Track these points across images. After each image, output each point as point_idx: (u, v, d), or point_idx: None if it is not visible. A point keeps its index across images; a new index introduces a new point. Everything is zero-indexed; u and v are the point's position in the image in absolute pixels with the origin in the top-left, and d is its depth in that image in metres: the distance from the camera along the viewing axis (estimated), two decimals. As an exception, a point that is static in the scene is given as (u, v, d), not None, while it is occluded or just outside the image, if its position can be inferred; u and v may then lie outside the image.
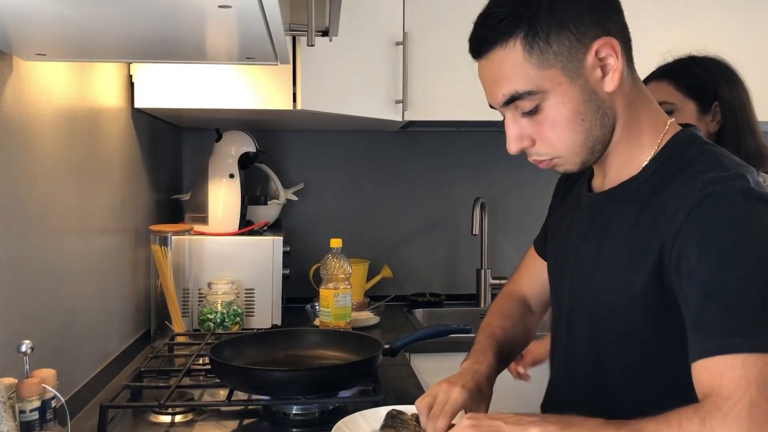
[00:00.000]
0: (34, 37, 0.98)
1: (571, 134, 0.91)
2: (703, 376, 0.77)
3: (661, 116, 0.96)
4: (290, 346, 1.44)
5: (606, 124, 0.92)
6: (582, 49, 0.89)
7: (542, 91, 0.90)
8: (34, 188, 1.13)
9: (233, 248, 1.87)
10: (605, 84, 0.90)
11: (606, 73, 0.90)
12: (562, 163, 0.96)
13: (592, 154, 0.94)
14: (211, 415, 1.24)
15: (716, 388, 0.75)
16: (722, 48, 1.88)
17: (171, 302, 1.70)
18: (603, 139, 0.93)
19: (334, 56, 1.78)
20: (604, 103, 0.91)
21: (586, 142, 0.92)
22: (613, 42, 0.89)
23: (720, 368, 0.76)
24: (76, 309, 1.32)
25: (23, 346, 0.88)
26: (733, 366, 0.75)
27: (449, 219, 2.50)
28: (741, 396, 0.73)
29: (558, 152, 0.94)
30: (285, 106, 1.67)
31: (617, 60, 0.89)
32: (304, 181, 2.35)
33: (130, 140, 1.71)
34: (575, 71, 0.89)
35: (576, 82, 0.89)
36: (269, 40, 0.98)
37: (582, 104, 0.90)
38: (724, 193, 0.81)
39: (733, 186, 0.81)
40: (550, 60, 0.88)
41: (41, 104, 1.16)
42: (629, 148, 0.95)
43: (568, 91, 0.89)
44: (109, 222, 1.53)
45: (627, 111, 0.93)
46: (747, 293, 0.77)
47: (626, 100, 0.93)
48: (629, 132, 0.94)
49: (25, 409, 0.86)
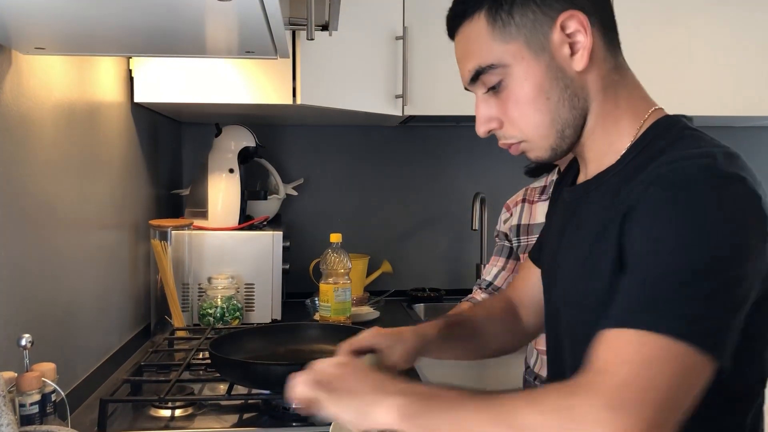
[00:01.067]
0: (33, 31, 0.98)
1: (536, 113, 0.86)
2: (600, 347, 0.70)
3: (645, 103, 0.89)
4: (290, 341, 1.44)
5: (576, 105, 0.86)
6: (547, 22, 0.84)
7: (504, 65, 0.85)
8: (34, 183, 1.13)
9: (233, 243, 1.87)
10: (574, 62, 0.84)
11: (575, 51, 0.84)
12: (531, 148, 0.90)
13: (562, 139, 0.88)
14: (211, 410, 1.24)
15: (601, 360, 0.69)
16: (721, 47, 1.88)
17: (171, 297, 1.70)
18: (573, 123, 0.87)
19: (333, 51, 1.78)
20: (573, 83, 0.85)
21: (553, 124, 0.87)
22: (580, 16, 0.83)
23: (617, 342, 0.69)
24: (76, 303, 1.32)
25: (23, 340, 0.88)
26: (629, 341, 0.68)
27: (449, 214, 2.50)
28: (616, 371, 0.67)
29: (525, 134, 0.89)
30: (284, 101, 1.67)
31: (586, 37, 0.84)
32: (303, 176, 2.35)
33: (130, 135, 1.71)
34: (540, 46, 0.84)
35: (540, 57, 0.84)
36: (269, 34, 0.97)
37: (546, 81, 0.85)
38: (684, 169, 0.74)
39: (695, 162, 0.74)
40: (513, 33, 0.85)
41: (41, 98, 1.16)
42: (606, 136, 0.88)
43: (531, 66, 0.85)
44: (109, 217, 1.53)
45: (603, 95, 0.87)
46: (677, 272, 0.70)
47: (602, 83, 0.87)
48: (605, 118, 0.88)
49: (25, 402, 0.86)
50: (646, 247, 0.73)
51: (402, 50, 2.02)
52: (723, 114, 2.15)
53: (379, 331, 0.99)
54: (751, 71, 2.14)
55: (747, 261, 0.71)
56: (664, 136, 0.84)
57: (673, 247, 0.71)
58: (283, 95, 1.67)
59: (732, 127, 2.54)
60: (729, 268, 0.70)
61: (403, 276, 2.45)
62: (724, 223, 0.71)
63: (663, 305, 0.69)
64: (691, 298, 0.68)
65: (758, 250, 0.73)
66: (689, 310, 0.68)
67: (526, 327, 1.16)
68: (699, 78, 2.12)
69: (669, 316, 0.68)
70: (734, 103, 2.15)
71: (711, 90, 2.13)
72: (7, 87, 1.04)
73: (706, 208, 0.71)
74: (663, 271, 0.70)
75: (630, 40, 0.91)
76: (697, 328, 0.68)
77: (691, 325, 0.68)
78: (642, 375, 0.66)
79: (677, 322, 0.68)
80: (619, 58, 0.89)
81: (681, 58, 2.12)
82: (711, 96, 2.13)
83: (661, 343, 0.67)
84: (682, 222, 0.71)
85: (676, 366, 0.66)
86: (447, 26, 0.92)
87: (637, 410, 0.64)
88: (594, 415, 0.65)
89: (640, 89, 0.90)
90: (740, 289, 0.71)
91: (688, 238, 0.70)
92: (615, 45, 0.89)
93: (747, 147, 2.55)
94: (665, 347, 0.67)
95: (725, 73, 2.13)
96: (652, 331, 0.67)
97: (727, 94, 2.14)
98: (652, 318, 0.68)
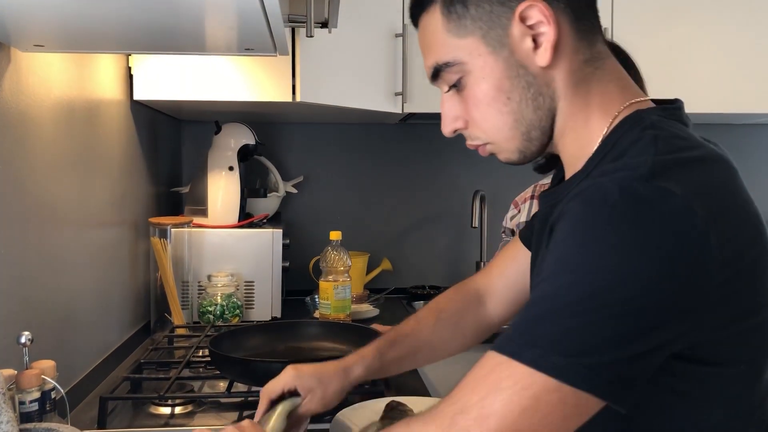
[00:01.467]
0: (33, 28, 0.97)
1: (497, 115, 0.79)
2: (473, 367, 0.67)
3: (620, 96, 0.79)
4: (290, 338, 1.44)
5: (540, 105, 0.78)
6: (505, 14, 0.76)
7: (460, 62, 0.78)
8: (33, 180, 1.13)
9: (233, 241, 1.87)
10: (537, 57, 0.76)
11: (539, 45, 0.76)
12: (498, 150, 0.83)
13: (530, 142, 0.80)
14: (211, 407, 1.24)
15: (462, 382, 0.66)
16: (721, 44, 1.88)
17: (171, 295, 1.70)
18: (540, 124, 0.79)
19: (333, 48, 1.78)
20: (536, 80, 0.77)
21: (516, 126, 0.79)
22: (541, 5, 0.74)
23: (484, 364, 0.65)
24: (76, 301, 1.32)
25: (23, 338, 0.88)
26: (492, 367, 0.64)
27: (449, 211, 2.50)
28: (460, 396, 0.64)
29: (488, 136, 0.82)
30: (284, 99, 1.67)
31: (550, 28, 0.75)
32: (303, 174, 2.35)
33: (130, 132, 1.70)
34: (498, 40, 0.76)
35: (499, 53, 0.76)
36: (268, 31, 0.97)
37: (506, 80, 0.77)
38: (602, 186, 0.65)
39: (614, 177, 0.65)
40: (468, 26, 0.77)
41: (40, 96, 1.16)
42: (577, 138, 0.79)
43: (488, 63, 0.77)
44: (109, 214, 1.53)
45: (572, 92, 0.78)
46: (555, 298, 0.64)
47: (572, 79, 0.77)
48: (574, 117, 0.78)
49: (25, 400, 0.86)
50: (548, 269, 0.66)
51: (402, 48, 2.01)
52: (723, 111, 2.15)
53: (300, 372, 0.94)
54: (751, 68, 2.14)
55: (647, 290, 0.61)
56: (627, 136, 0.73)
57: (564, 273, 0.64)
58: (282, 93, 1.67)
59: (731, 124, 2.54)
60: (617, 299, 0.61)
61: (402, 274, 2.45)
62: (624, 249, 0.62)
63: (533, 332, 0.64)
64: (560, 330, 0.62)
65: (671, 275, 0.62)
66: (555, 342, 0.62)
67: (491, 318, 1.11)
68: (699, 75, 2.12)
69: (532, 344, 0.62)
70: (734, 100, 2.15)
71: (711, 87, 2.13)
72: (6, 84, 1.04)
73: (609, 231, 0.63)
74: (544, 295, 0.65)
75: (628, 37, 0.89)
76: (556, 360, 0.61)
77: (553, 356, 0.61)
78: (485, 402, 0.62)
79: (539, 351, 0.62)
80: (596, 48, 0.79)
81: (681, 56, 2.12)
82: (711, 93, 2.13)
83: (519, 371, 0.62)
84: (581, 245, 0.64)
85: (529, 397, 0.61)
86: (409, 16, 0.86)
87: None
88: None
89: (620, 80, 0.81)
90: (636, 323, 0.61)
91: (583, 263, 0.63)
92: (591, 33, 0.79)
93: (746, 145, 2.56)
94: (521, 376, 0.62)
95: (725, 71, 2.13)
96: (513, 358, 0.63)
97: (727, 92, 2.14)
98: (517, 345, 0.63)
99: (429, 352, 1.09)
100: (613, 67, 0.81)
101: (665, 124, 0.74)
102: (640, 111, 0.77)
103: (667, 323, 0.63)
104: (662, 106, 0.79)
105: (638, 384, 0.64)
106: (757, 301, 0.69)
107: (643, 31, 2.09)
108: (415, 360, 1.08)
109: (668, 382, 0.69)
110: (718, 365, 0.69)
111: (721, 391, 0.70)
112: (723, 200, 0.67)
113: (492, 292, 1.11)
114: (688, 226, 0.62)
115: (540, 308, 0.65)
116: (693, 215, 0.63)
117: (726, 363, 0.69)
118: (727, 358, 0.69)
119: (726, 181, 0.70)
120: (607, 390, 0.62)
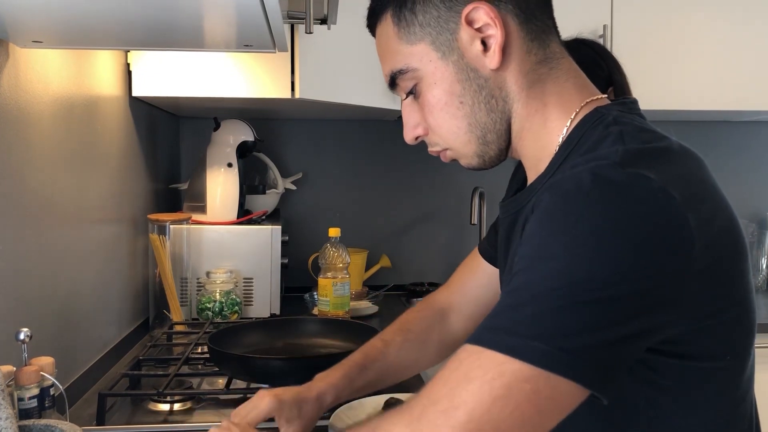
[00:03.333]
0: (31, 24, 0.97)
1: (451, 119, 0.79)
2: None
3: (578, 95, 0.78)
4: (289, 335, 1.44)
5: (494, 108, 0.78)
6: (453, 18, 0.76)
7: (413, 69, 0.79)
8: (32, 176, 1.13)
9: (232, 237, 1.87)
10: (487, 60, 0.76)
11: (488, 48, 0.76)
12: (458, 156, 0.84)
13: (486, 145, 0.80)
14: (210, 404, 1.24)
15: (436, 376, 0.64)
16: (720, 42, 1.87)
17: (169, 291, 1.70)
18: (495, 128, 0.79)
19: (332, 44, 1.77)
20: (488, 83, 0.77)
21: (471, 130, 0.79)
22: (486, 7, 0.74)
23: (457, 357, 0.63)
24: (75, 297, 1.32)
25: (21, 334, 0.88)
26: (464, 358, 0.62)
27: (448, 208, 2.50)
28: (432, 388, 0.62)
29: (446, 141, 0.82)
30: (283, 95, 1.67)
31: (498, 30, 0.74)
32: (302, 171, 2.34)
33: (128, 129, 1.70)
34: (447, 45, 0.77)
35: (448, 58, 0.77)
36: (267, 27, 0.97)
37: (457, 84, 0.77)
38: (576, 176, 0.64)
39: (588, 166, 0.64)
40: (417, 33, 0.78)
41: (38, 92, 1.16)
42: (536, 139, 0.79)
43: (439, 68, 0.77)
44: (107, 211, 1.53)
45: (527, 93, 0.77)
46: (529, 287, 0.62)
47: (525, 80, 0.77)
48: (531, 119, 0.78)
49: (24, 396, 0.86)
50: (522, 262, 0.65)
51: (401, 44, 2.01)
52: (722, 108, 2.15)
53: (279, 399, 0.91)
54: (750, 66, 2.14)
55: (627, 275, 0.60)
56: (590, 135, 0.73)
57: (541, 261, 0.63)
58: (281, 89, 1.67)
59: (729, 122, 2.54)
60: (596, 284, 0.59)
61: (401, 270, 2.45)
62: (601, 234, 0.60)
63: (509, 320, 0.62)
64: (539, 316, 0.60)
65: (651, 259, 0.60)
66: (533, 327, 0.60)
67: (455, 333, 1.10)
68: (698, 73, 2.12)
69: (509, 332, 0.61)
70: (733, 97, 2.15)
71: (710, 85, 2.13)
72: (4, 80, 1.04)
73: (584, 217, 0.61)
74: (519, 285, 0.63)
75: (628, 34, 0.88)
76: (535, 345, 0.59)
77: (532, 341, 0.59)
78: (454, 393, 0.60)
79: (516, 338, 0.60)
80: (550, 48, 0.79)
81: (680, 53, 2.11)
82: (710, 91, 2.13)
83: (491, 360, 0.60)
84: (556, 233, 0.63)
85: (501, 386, 0.59)
86: (366, 26, 0.87)
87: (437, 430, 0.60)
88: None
89: (576, 79, 0.80)
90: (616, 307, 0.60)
91: (559, 251, 0.62)
92: (544, 33, 0.79)
93: (746, 142, 2.56)
94: (492, 365, 0.60)
95: (724, 68, 2.13)
96: (489, 347, 0.61)
97: (726, 89, 2.14)
98: (493, 334, 0.62)
99: (397, 372, 1.08)
100: (569, 66, 0.80)
101: (628, 119, 0.73)
102: (599, 108, 0.76)
103: (648, 308, 0.61)
104: (620, 101, 0.79)
105: (618, 373, 0.62)
106: (736, 292, 0.68)
107: (642, 28, 2.08)
108: (383, 383, 1.07)
109: (650, 377, 0.68)
110: (700, 360, 0.68)
111: (703, 386, 0.69)
112: (696, 188, 0.66)
113: (454, 307, 1.11)
114: (666, 209, 0.61)
115: (516, 298, 0.63)
116: (671, 198, 0.61)
117: (708, 357, 0.68)
118: (710, 353, 0.68)
119: (696, 171, 0.68)
120: (588, 376, 0.60)
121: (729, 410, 0.72)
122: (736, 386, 0.72)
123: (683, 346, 0.67)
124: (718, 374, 0.70)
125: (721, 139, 2.53)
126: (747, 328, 0.71)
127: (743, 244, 0.69)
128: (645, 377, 0.68)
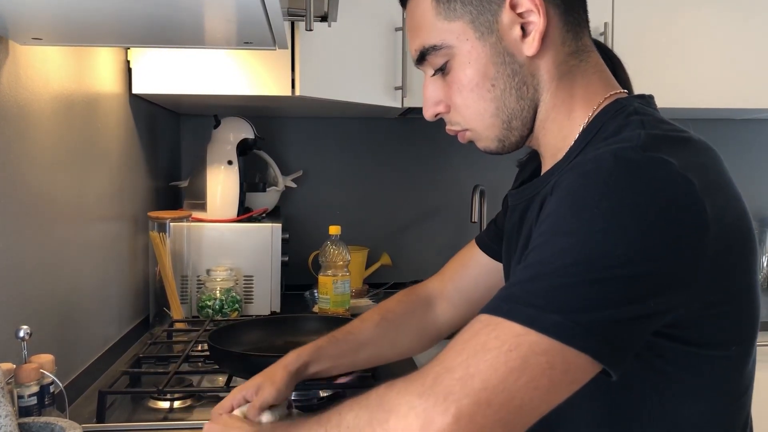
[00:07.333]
0: (31, 21, 0.97)
1: (479, 101, 0.79)
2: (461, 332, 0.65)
3: (603, 89, 0.79)
4: (289, 333, 1.44)
5: (524, 95, 0.78)
6: (496, 0, 0.76)
7: (448, 46, 0.78)
8: (32, 174, 1.13)
9: (232, 235, 1.87)
10: (525, 46, 0.76)
11: (527, 34, 0.76)
12: (476, 138, 0.83)
13: (510, 131, 0.80)
14: (210, 401, 1.24)
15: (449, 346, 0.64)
16: (721, 40, 1.86)
17: (170, 289, 1.70)
18: (521, 114, 0.79)
19: (332, 42, 1.77)
20: (522, 69, 0.77)
21: (498, 114, 0.79)
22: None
23: (472, 327, 0.63)
24: (75, 295, 1.32)
25: (21, 332, 0.88)
26: (480, 328, 0.62)
27: (448, 206, 2.50)
28: (445, 357, 0.62)
29: (468, 122, 0.81)
30: (283, 92, 1.66)
31: (540, 18, 0.75)
32: (303, 168, 2.34)
33: (128, 126, 1.70)
34: (487, 26, 0.76)
35: (486, 39, 0.77)
36: (267, 24, 0.97)
37: (492, 66, 0.77)
38: (598, 157, 0.65)
39: (611, 148, 0.65)
40: (458, 10, 0.77)
41: (38, 89, 1.15)
42: (559, 129, 0.79)
43: (476, 48, 0.77)
44: (108, 208, 1.53)
45: (556, 84, 0.78)
46: (547, 262, 0.62)
47: (557, 71, 0.78)
48: (557, 109, 0.79)
49: (24, 394, 0.86)
50: (540, 237, 0.65)
51: (401, 42, 2.01)
52: (724, 106, 2.15)
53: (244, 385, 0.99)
54: (752, 64, 2.14)
55: (644, 253, 0.61)
56: (611, 124, 0.74)
57: (560, 236, 0.63)
58: (281, 87, 1.66)
59: (731, 120, 2.53)
60: (614, 261, 0.60)
61: (402, 268, 2.45)
62: (620, 213, 0.61)
63: (527, 291, 0.62)
64: (556, 289, 0.61)
65: (668, 240, 0.61)
66: (550, 300, 0.60)
67: (439, 322, 1.10)
68: (700, 71, 2.12)
69: (526, 304, 0.61)
70: (735, 95, 2.14)
71: (712, 83, 2.12)
72: (4, 78, 1.03)
73: (605, 196, 0.62)
74: (537, 260, 0.63)
75: (629, 32, 0.88)
76: (553, 318, 0.59)
77: (548, 314, 0.60)
78: (470, 362, 0.60)
79: (532, 309, 0.60)
80: (582, 41, 0.80)
81: (681, 51, 2.11)
82: (712, 89, 2.13)
83: (508, 331, 0.60)
84: (576, 211, 0.63)
85: (517, 357, 0.59)
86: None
87: (453, 398, 0.59)
88: (405, 403, 0.61)
89: (602, 73, 0.81)
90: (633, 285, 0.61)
91: (579, 228, 0.62)
92: (579, 26, 0.80)
93: (747, 140, 2.56)
94: (510, 336, 0.60)
95: (726, 66, 2.12)
96: (505, 317, 0.61)
97: (728, 87, 2.13)
98: (510, 305, 0.62)
99: (372, 350, 1.08)
100: (597, 60, 0.81)
101: (648, 111, 0.75)
102: (620, 99, 0.78)
103: (662, 289, 0.62)
104: (639, 95, 0.80)
105: (630, 351, 0.63)
106: (745, 281, 0.70)
107: (643, 26, 2.08)
108: (356, 358, 1.07)
109: (657, 364, 0.69)
110: (707, 347, 0.69)
111: (708, 374, 0.70)
112: (714, 177, 0.67)
113: (443, 296, 1.11)
114: (684, 193, 0.62)
115: (533, 271, 0.63)
116: (689, 183, 0.63)
117: (714, 345, 0.69)
118: (716, 341, 0.69)
119: (713, 162, 0.70)
120: (602, 351, 0.60)
121: (731, 401, 0.73)
122: (739, 376, 0.73)
123: (691, 332, 0.68)
124: (723, 363, 0.71)
125: (723, 137, 2.52)
126: (751, 320, 0.72)
127: (752, 238, 0.70)
128: (652, 364, 0.69)
